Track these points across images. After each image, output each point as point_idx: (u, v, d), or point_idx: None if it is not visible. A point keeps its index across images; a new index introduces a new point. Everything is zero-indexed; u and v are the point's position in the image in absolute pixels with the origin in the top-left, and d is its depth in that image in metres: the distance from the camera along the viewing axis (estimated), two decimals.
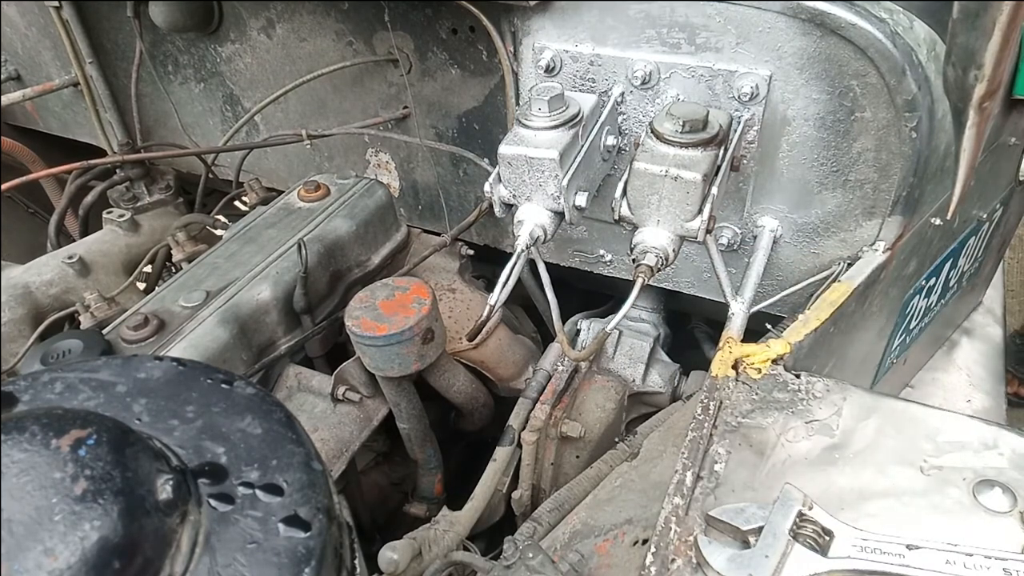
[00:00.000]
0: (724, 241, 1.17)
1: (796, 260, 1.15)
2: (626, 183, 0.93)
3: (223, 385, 0.57)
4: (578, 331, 1.40)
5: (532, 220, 0.98)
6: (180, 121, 1.69)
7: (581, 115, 0.98)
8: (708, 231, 0.92)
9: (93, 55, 1.67)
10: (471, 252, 1.45)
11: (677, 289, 1.28)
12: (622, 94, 1.10)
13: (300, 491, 0.50)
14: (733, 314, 0.97)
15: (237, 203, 1.68)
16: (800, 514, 0.67)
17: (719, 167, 0.92)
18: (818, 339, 0.93)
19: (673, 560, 0.68)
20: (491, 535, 1.29)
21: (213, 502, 0.48)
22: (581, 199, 0.98)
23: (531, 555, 0.80)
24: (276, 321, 1.15)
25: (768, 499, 0.69)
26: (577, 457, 1.25)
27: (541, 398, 1.20)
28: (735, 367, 0.90)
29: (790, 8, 0.93)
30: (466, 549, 1.11)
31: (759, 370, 0.87)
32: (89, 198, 1.70)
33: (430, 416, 1.24)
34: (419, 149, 1.41)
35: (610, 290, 1.54)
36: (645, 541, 0.77)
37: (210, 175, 1.66)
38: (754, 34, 0.97)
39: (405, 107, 1.36)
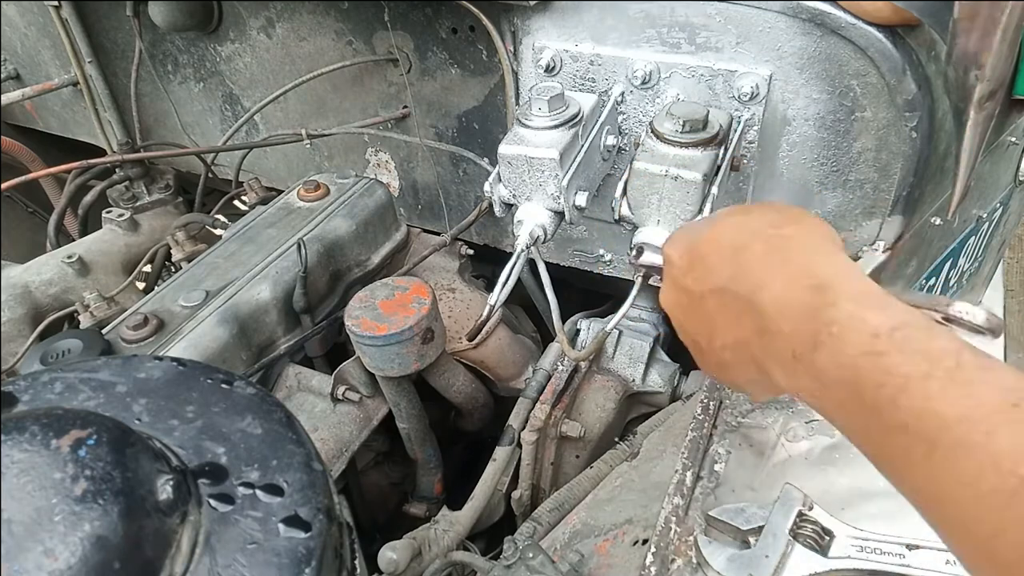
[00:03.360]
0: None
1: None
2: (626, 183, 0.93)
3: (223, 385, 0.57)
4: (578, 331, 1.40)
5: (532, 220, 0.98)
6: (179, 120, 1.69)
7: (581, 115, 0.98)
8: None
9: (92, 54, 1.67)
10: (471, 252, 1.45)
11: None
12: (622, 94, 1.09)
13: (300, 491, 0.50)
14: None
15: (237, 203, 1.68)
16: (800, 514, 0.67)
17: (719, 167, 0.92)
18: None
19: (673, 560, 0.68)
20: (491, 535, 1.29)
21: (213, 502, 0.48)
22: (581, 199, 0.98)
23: (531, 555, 0.80)
24: (276, 321, 1.14)
25: (768, 499, 0.69)
26: (577, 457, 1.25)
27: (541, 398, 1.20)
28: None
29: (790, 8, 0.93)
30: (466, 549, 1.11)
31: None
32: (88, 197, 1.70)
33: (430, 416, 1.24)
34: (419, 149, 1.41)
35: (610, 290, 1.54)
36: (645, 541, 0.77)
37: (210, 175, 1.66)
38: (754, 34, 0.97)
39: (405, 107, 1.36)
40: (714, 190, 0.90)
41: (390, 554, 0.99)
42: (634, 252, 0.86)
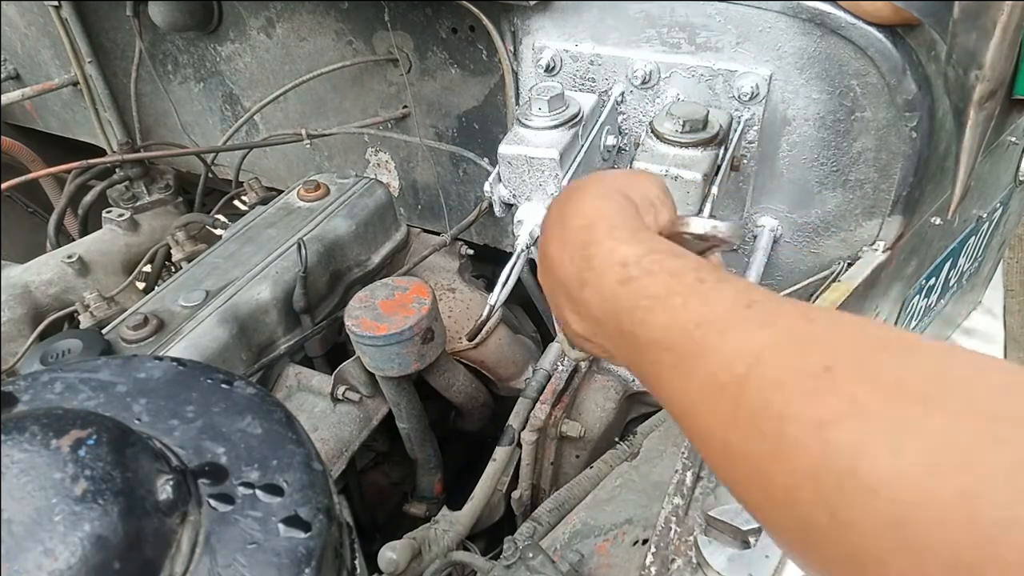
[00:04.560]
0: None
1: (796, 260, 1.15)
2: None
3: (223, 385, 0.57)
4: None
5: (532, 220, 0.98)
6: (179, 120, 1.69)
7: (581, 115, 0.98)
8: None
9: (92, 54, 1.67)
10: (471, 252, 1.45)
11: None
12: (622, 94, 1.09)
13: (300, 491, 0.50)
14: None
15: (237, 203, 1.68)
16: None
17: (719, 167, 0.92)
18: None
19: (673, 560, 0.68)
20: (491, 535, 1.28)
21: (213, 502, 0.48)
22: None
23: (531, 555, 0.80)
24: (276, 321, 1.14)
25: None
26: (577, 457, 1.25)
27: (541, 398, 1.20)
28: None
29: (790, 8, 0.93)
30: (466, 549, 1.11)
31: None
32: (88, 197, 1.70)
33: (430, 416, 1.24)
34: (419, 149, 1.41)
35: None
36: (645, 541, 0.77)
37: (210, 175, 1.66)
38: (754, 34, 0.97)
39: (405, 107, 1.36)
40: (714, 190, 0.90)
41: (390, 554, 0.99)
42: None
